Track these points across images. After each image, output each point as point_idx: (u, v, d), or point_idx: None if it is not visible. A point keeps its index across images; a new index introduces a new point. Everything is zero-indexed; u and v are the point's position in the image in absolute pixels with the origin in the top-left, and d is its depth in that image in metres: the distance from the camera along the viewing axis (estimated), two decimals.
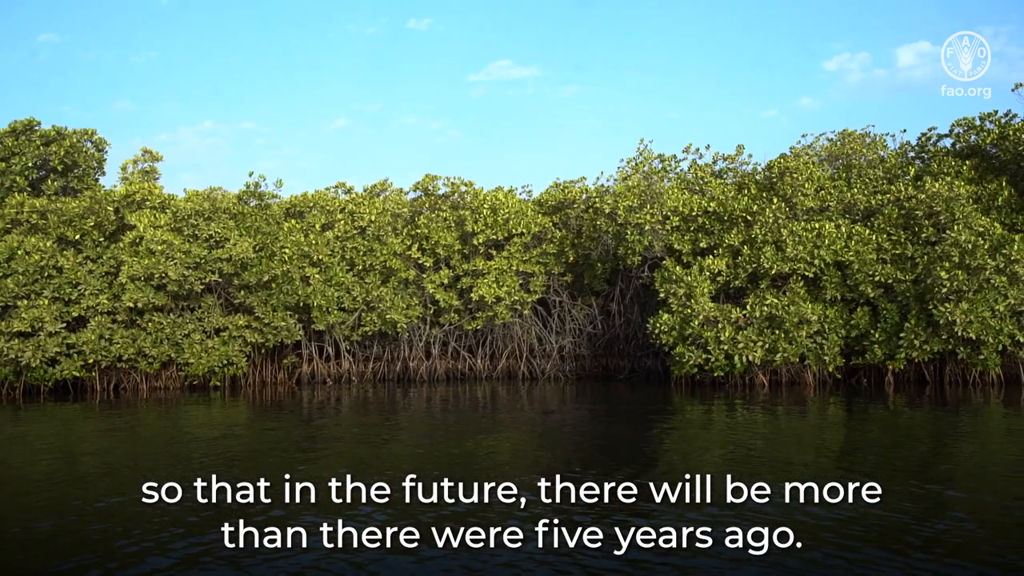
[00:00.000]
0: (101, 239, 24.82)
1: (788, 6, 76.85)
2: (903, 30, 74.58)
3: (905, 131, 45.89)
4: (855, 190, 24.62)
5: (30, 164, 26.76)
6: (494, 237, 28.03)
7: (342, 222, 28.13)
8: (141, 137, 72.22)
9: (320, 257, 26.41)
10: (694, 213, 25.14)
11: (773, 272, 22.15)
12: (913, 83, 70.44)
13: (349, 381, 27.84)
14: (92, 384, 23.99)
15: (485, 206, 28.61)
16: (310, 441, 15.86)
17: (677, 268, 23.14)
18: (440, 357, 28.71)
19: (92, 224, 24.67)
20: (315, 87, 79.27)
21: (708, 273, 22.95)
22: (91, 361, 23.00)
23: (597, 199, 28.19)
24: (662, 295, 23.04)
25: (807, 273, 22.16)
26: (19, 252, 23.22)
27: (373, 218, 28.02)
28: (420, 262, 28.04)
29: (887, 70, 74.27)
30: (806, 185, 24.38)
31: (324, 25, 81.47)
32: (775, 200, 23.37)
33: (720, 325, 21.72)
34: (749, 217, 24.40)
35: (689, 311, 21.97)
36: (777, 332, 21.32)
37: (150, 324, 23.84)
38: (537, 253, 28.38)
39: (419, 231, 28.43)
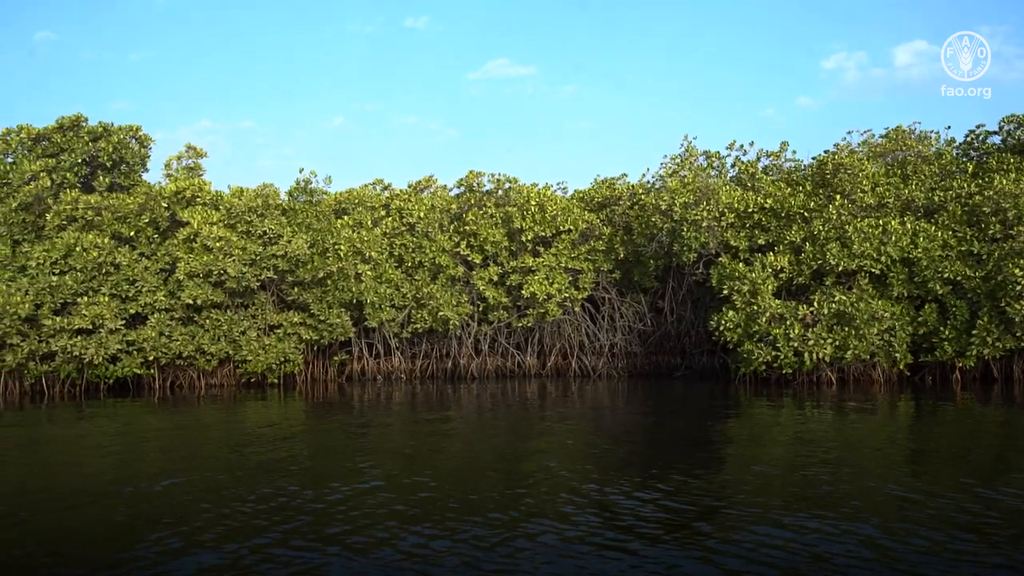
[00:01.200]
0: (155, 236, 24.68)
1: (785, 6, 76.80)
2: (900, 29, 74.55)
3: (950, 128, 45.90)
4: (912, 186, 24.49)
5: (79, 161, 26.61)
6: (542, 234, 27.90)
7: (390, 219, 28.02)
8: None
9: (372, 254, 26.27)
10: (750, 210, 25.02)
11: (840, 269, 22.01)
12: (910, 82, 70.41)
13: (398, 378, 27.72)
14: (149, 381, 23.86)
15: (532, 203, 28.51)
16: (371, 439, 15.73)
17: (739, 265, 23.00)
18: (489, 354, 28.58)
19: (147, 221, 24.52)
20: (313, 86, 79.20)
21: (770, 270, 22.81)
22: (151, 358, 22.87)
23: (644, 195, 28.08)
24: (725, 292, 22.89)
25: (873, 270, 22.03)
26: (76, 249, 23.07)
27: (422, 215, 27.89)
28: (469, 259, 27.90)
29: (884, 69, 74.22)
30: (864, 182, 24.25)
31: (322, 24, 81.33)
32: (837, 197, 23.22)
33: (788, 322, 21.59)
34: (807, 214, 24.29)
35: (755, 308, 21.83)
36: (847, 329, 21.20)
37: (207, 321, 23.71)
38: (585, 250, 28.26)
39: (467, 228, 28.28)
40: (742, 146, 29.48)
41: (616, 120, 78.03)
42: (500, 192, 30.08)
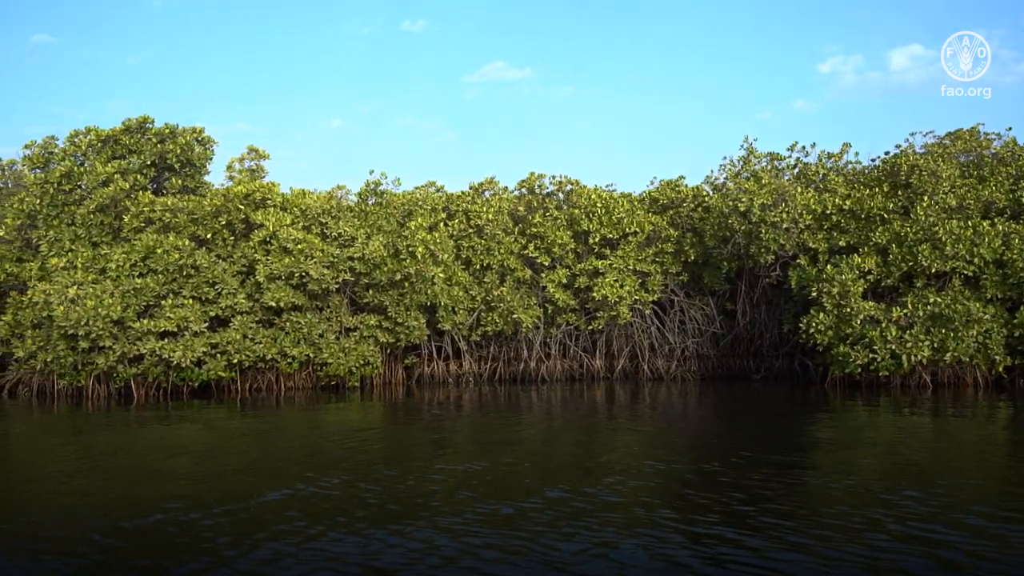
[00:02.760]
0: (231, 238, 24.47)
1: (782, 9, 77.01)
2: (896, 33, 74.80)
3: (1011, 129, 45.90)
4: (992, 188, 24.34)
5: (148, 163, 26.42)
6: (610, 236, 27.76)
7: (456, 221, 27.85)
8: None
9: (443, 256, 26.08)
10: (828, 211, 24.88)
11: (933, 270, 21.86)
12: (906, 86, 70.59)
13: (466, 381, 27.51)
14: (229, 384, 23.63)
15: (598, 205, 28.37)
16: (459, 443, 15.62)
17: (828, 267, 22.84)
18: (556, 357, 28.38)
19: (223, 223, 24.32)
20: (310, 88, 79.27)
21: (857, 271, 22.65)
22: (235, 361, 22.65)
23: (708, 198, 27.95)
24: (813, 294, 22.73)
25: (966, 271, 21.88)
26: (158, 251, 22.86)
27: (491, 217, 27.72)
28: (538, 261, 27.72)
29: (881, 73, 74.38)
30: (944, 183, 24.11)
31: (319, 26, 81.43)
32: (925, 199, 23.08)
33: (883, 324, 21.43)
34: (886, 215, 24.14)
35: (847, 310, 21.66)
36: (944, 331, 21.04)
37: (288, 323, 23.50)
38: (653, 252, 28.11)
39: (534, 230, 28.10)
40: (804, 147, 29.35)
41: (614, 122, 78.33)
42: (561, 194, 29.96)
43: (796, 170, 28.72)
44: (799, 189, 25.66)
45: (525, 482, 11.17)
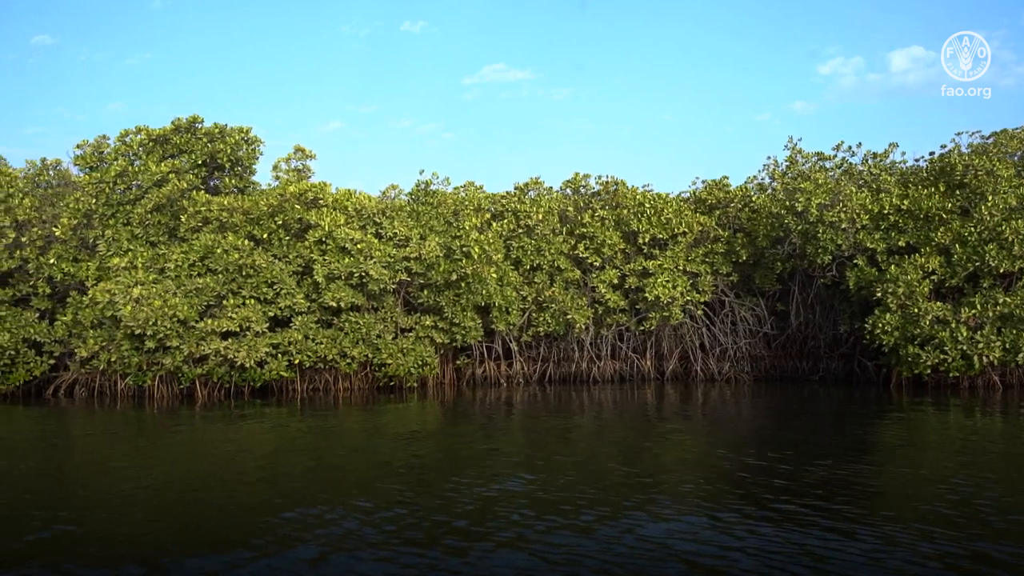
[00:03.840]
0: (287, 238, 24.37)
1: (782, 11, 76.95)
2: (897, 35, 74.72)
3: None
4: None
5: (199, 162, 26.35)
6: (659, 236, 27.63)
7: (505, 221, 27.72)
8: None
9: (496, 257, 25.96)
10: (885, 211, 24.73)
11: (1002, 270, 21.71)
12: (906, 88, 70.50)
13: (517, 383, 27.37)
14: (286, 384, 23.52)
15: (647, 205, 28.27)
16: (522, 445, 15.41)
17: (891, 267, 22.68)
18: (606, 358, 28.24)
19: (279, 223, 24.22)
20: (309, 89, 79.31)
21: (921, 272, 22.50)
22: (296, 361, 22.53)
23: (762, 198, 27.81)
24: (877, 294, 22.58)
25: None
26: (217, 251, 22.76)
27: (541, 217, 27.61)
28: (590, 262, 27.59)
29: (880, 75, 74.28)
30: (1003, 183, 23.95)
31: (318, 27, 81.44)
32: (990, 198, 22.92)
33: (953, 324, 21.28)
34: (944, 215, 23.99)
35: (915, 311, 21.51)
36: (1016, 331, 20.89)
37: (347, 324, 23.39)
38: (702, 252, 27.99)
39: (584, 230, 27.97)
40: (850, 147, 29.22)
41: (612, 123, 78.27)
42: (605, 193, 29.83)
43: (841, 169, 28.57)
44: (854, 189, 25.51)
45: (632, 496, 11.02)
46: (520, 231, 27.78)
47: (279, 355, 22.42)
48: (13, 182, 25.43)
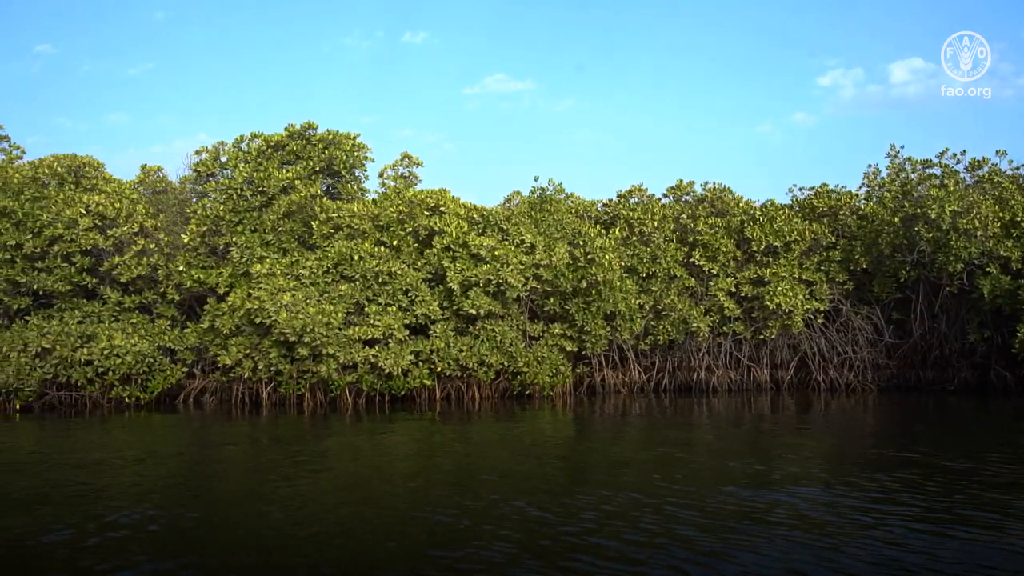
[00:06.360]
0: (416, 244, 24.12)
1: (782, 22, 76.83)
2: (896, 46, 74.52)
3: None
4: None
5: (316, 168, 26.15)
6: (775, 244, 27.32)
7: (617, 228, 27.46)
8: (135, 148, 72.19)
9: (616, 264, 25.65)
10: (1018, 218, 24.41)
11: None
12: (906, 99, 70.24)
13: (635, 391, 27.00)
14: (424, 393, 23.20)
15: (758, 212, 28.02)
16: (676, 457, 14.96)
17: None
18: (723, 367, 27.86)
19: (409, 230, 23.98)
20: (311, 100, 79.21)
21: None
22: (439, 370, 22.23)
23: (874, 207, 27.50)
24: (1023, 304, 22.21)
25: None
26: (355, 258, 22.51)
27: (656, 224, 27.34)
28: (706, 269, 27.28)
29: (880, 86, 74.05)
30: None
31: (320, 38, 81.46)
32: None
33: None
34: None
35: None
36: None
37: (483, 332, 23.09)
38: (817, 260, 27.69)
39: (697, 237, 27.69)
40: (955, 154, 28.90)
41: (613, 134, 78.20)
42: (717, 201, 29.54)
43: (973, 178, 28.15)
44: (984, 197, 25.18)
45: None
46: (634, 238, 27.52)
47: (420, 363, 22.11)
48: (123, 190, 25.25)
